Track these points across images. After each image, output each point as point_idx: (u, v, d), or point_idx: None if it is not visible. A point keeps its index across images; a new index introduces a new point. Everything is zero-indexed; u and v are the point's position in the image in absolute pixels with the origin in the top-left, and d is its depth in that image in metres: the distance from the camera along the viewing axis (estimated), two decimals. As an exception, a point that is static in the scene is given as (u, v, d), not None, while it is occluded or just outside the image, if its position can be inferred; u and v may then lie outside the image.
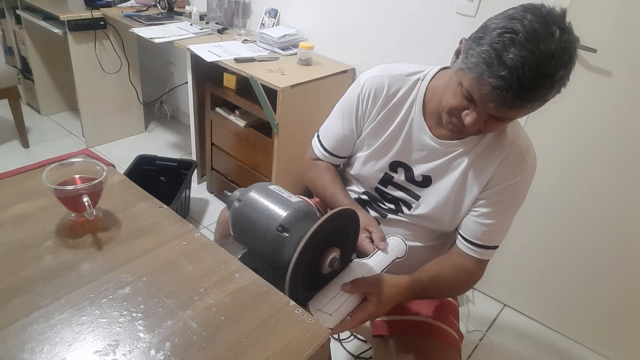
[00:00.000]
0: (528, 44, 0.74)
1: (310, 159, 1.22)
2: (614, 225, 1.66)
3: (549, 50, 0.74)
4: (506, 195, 0.98)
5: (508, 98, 0.77)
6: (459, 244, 1.04)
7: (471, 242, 1.02)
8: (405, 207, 1.09)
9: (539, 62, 0.74)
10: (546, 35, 0.74)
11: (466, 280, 1.04)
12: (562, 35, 0.75)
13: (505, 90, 0.76)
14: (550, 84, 0.77)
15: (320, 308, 0.83)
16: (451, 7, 1.74)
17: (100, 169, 0.87)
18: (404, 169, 1.06)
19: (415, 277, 0.95)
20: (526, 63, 0.74)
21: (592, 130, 1.59)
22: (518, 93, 0.76)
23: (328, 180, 1.14)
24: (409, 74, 1.04)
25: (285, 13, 2.33)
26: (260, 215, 0.82)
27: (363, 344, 1.75)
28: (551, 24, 0.75)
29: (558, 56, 0.75)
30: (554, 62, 0.75)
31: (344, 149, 1.15)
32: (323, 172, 1.17)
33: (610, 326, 1.80)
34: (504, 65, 0.75)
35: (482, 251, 1.02)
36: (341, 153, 1.16)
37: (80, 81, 2.60)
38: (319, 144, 1.18)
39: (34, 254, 0.78)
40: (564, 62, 0.76)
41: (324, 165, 1.19)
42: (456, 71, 0.86)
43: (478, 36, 0.81)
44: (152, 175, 2.29)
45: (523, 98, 0.78)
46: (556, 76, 0.76)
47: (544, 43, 0.74)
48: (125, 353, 0.63)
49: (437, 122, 1.00)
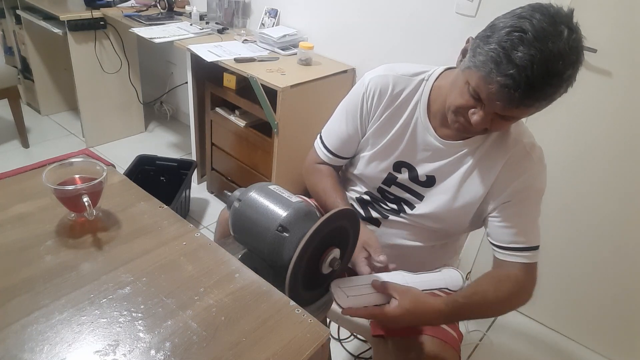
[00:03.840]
0: (537, 43, 0.74)
1: (312, 163, 1.21)
2: (613, 225, 1.66)
3: (557, 49, 0.74)
4: (521, 194, 0.97)
5: (516, 97, 0.77)
6: (496, 254, 1.00)
7: (506, 248, 0.98)
8: (408, 207, 1.09)
9: (547, 61, 0.74)
10: (555, 34, 0.74)
11: (512, 291, 0.96)
12: (570, 34, 0.75)
13: (514, 88, 0.76)
14: (558, 83, 0.77)
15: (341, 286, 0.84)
16: (451, 7, 1.74)
17: (100, 169, 0.87)
18: (407, 169, 1.06)
19: (450, 298, 0.93)
20: (535, 62, 0.74)
21: (591, 130, 1.59)
22: (526, 92, 0.76)
23: (329, 187, 1.13)
24: (413, 74, 1.04)
25: (285, 13, 2.33)
26: (260, 215, 0.82)
27: (363, 344, 1.75)
28: (559, 24, 0.75)
29: (566, 55, 0.75)
30: (562, 61, 0.75)
31: (348, 149, 1.15)
32: (324, 177, 1.16)
33: (610, 326, 1.80)
34: (513, 64, 0.75)
35: (521, 254, 0.97)
36: (345, 154, 1.16)
37: (80, 81, 2.60)
38: (322, 146, 1.18)
39: (34, 254, 0.78)
40: (572, 61, 0.76)
41: (325, 170, 1.18)
42: (463, 70, 0.86)
43: (486, 35, 0.81)
44: (152, 175, 2.29)
45: (531, 97, 0.78)
46: (564, 75, 0.76)
47: (553, 42, 0.74)
48: (125, 353, 0.63)
49: (442, 123, 1.00)
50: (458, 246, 1.25)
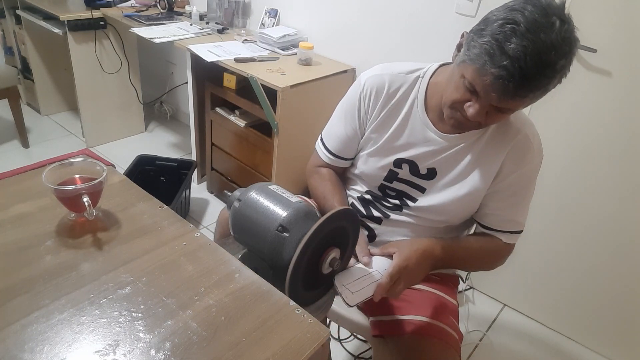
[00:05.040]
0: (529, 34, 0.75)
1: (314, 166, 1.22)
2: (613, 224, 1.66)
3: (549, 40, 0.75)
4: (520, 184, 1.01)
5: (510, 88, 0.78)
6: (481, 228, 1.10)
7: (494, 230, 1.07)
8: (410, 200, 1.10)
9: (540, 52, 0.75)
10: (547, 25, 0.76)
11: (495, 251, 1.08)
12: (562, 25, 0.76)
13: (508, 79, 0.77)
14: (552, 74, 0.78)
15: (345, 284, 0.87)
16: (451, 7, 1.74)
17: (100, 169, 0.87)
18: (408, 165, 1.07)
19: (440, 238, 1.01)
20: (528, 52, 0.75)
21: (591, 130, 1.59)
22: (520, 82, 0.78)
23: (329, 190, 1.14)
24: (409, 71, 1.06)
25: (285, 13, 2.33)
26: (260, 215, 0.82)
27: (363, 344, 1.75)
28: (551, 15, 0.76)
29: (558, 46, 0.76)
30: (554, 51, 0.76)
31: (349, 150, 1.15)
32: (325, 181, 1.16)
33: (610, 326, 1.80)
34: (506, 55, 0.76)
35: (508, 235, 1.07)
36: (346, 155, 1.16)
37: (80, 81, 2.60)
38: (323, 148, 1.18)
39: (34, 254, 0.78)
40: (565, 51, 0.77)
41: (327, 174, 1.18)
42: (458, 64, 0.87)
43: (479, 28, 0.82)
44: (152, 175, 2.29)
45: (525, 88, 0.79)
46: (557, 66, 0.77)
47: (545, 33, 0.75)
48: (125, 353, 0.63)
49: (440, 118, 1.01)
50: None
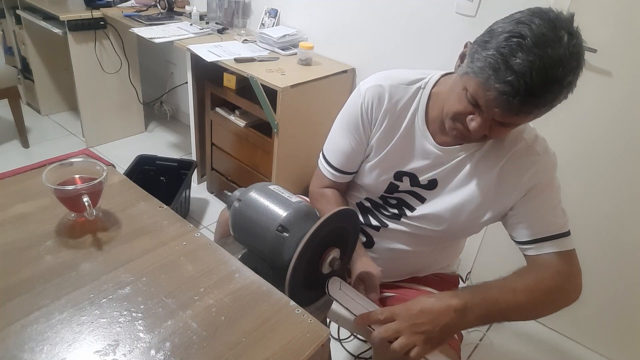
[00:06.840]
0: (536, 49, 0.72)
1: (318, 187, 1.15)
2: (612, 224, 1.66)
3: (557, 56, 0.72)
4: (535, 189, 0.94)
5: (514, 104, 0.75)
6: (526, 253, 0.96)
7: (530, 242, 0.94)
8: (408, 209, 1.07)
9: (546, 68, 0.72)
10: (554, 40, 0.72)
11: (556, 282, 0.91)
12: (570, 40, 0.73)
13: (512, 95, 0.74)
14: (558, 90, 0.75)
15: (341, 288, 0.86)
16: (451, 7, 1.74)
17: (100, 169, 0.87)
18: (409, 177, 1.05)
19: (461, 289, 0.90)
20: (534, 68, 0.72)
21: (591, 130, 1.59)
22: (525, 99, 0.74)
23: None
24: (410, 82, 1.01)
25: (285, 13, 2.33)
26: (260, 215, 0.82)
27: (363, 344, 1.75)
28: (559, 29, 0.73)
29: (566, 61, 0.73)
30: (562, 67, 0.73)
31: (353, 163, 1.10)
32: (330, 204, 1.11)
33: (610, 326, 1.80)
34: (511, 70, 0.73)
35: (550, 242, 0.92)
36: (350, 169, 1.11)
37: (80, 81, 2.60)
38: (326, 164, 1.12)
39: (34, 254, 0.78)
40: (572, 67, 0.74)
41: (332, 196, 1.13)
42: (461, 75, 0.84)
43: (484, 40, 0.79)
44: (152, 175, 2.29)
45: (530, 104, 0.76)
46: (564, 82, 0.74)
47: (552, 48, 0.72)
48: (125, 353, 0.63)
49: (440, 129, 0.98)
50: (459, 249, 1.24)
